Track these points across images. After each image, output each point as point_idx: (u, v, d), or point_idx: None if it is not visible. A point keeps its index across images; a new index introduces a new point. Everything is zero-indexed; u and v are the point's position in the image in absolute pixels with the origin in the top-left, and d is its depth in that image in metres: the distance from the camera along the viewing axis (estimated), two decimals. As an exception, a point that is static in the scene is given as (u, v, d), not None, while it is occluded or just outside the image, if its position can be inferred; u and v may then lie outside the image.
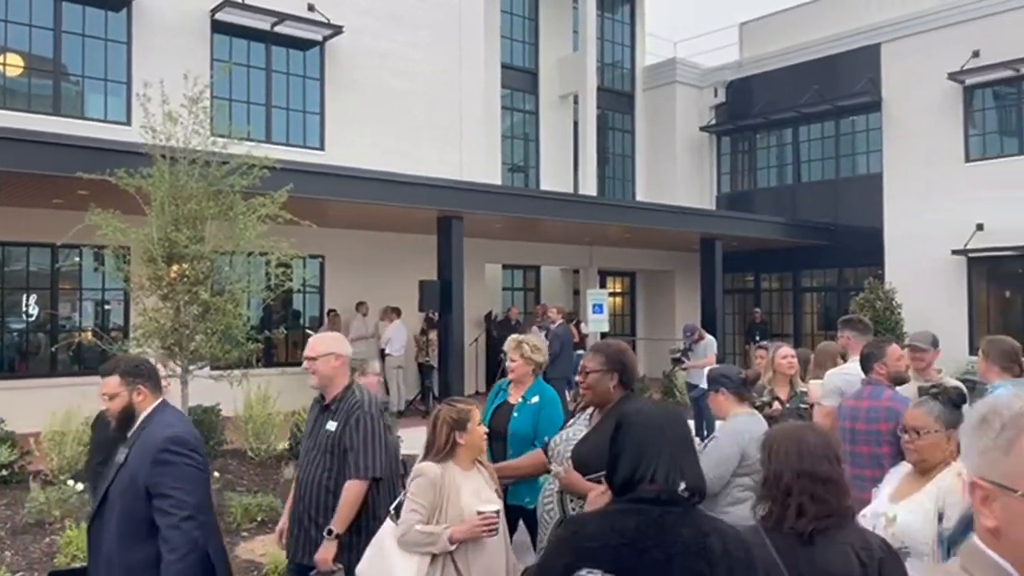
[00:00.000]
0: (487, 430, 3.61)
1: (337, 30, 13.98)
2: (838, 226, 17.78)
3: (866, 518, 3.00)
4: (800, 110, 18.46)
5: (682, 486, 2.09)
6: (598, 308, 12.59)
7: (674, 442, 2.19)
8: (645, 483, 2.09)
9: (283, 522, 3.98)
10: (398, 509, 3.36)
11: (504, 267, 18.70)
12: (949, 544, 2.83)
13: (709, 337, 11.53)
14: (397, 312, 14.08)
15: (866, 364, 4.65)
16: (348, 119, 14.29)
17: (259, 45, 13.81)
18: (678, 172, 20.53)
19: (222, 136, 7.85)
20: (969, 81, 15.69)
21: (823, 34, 18.23)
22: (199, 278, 7.25)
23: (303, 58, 14.21)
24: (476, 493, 3.33)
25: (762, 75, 19.54)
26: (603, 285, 19.36)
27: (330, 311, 13.96)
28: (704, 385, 9.62)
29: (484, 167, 15.96)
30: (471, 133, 15.87)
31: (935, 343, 5.42)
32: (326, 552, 3.58)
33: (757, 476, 4.03)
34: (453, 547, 3.19)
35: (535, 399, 4.55)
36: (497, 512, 3.24)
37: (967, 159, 15.84)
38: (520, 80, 19.21)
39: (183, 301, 7.25)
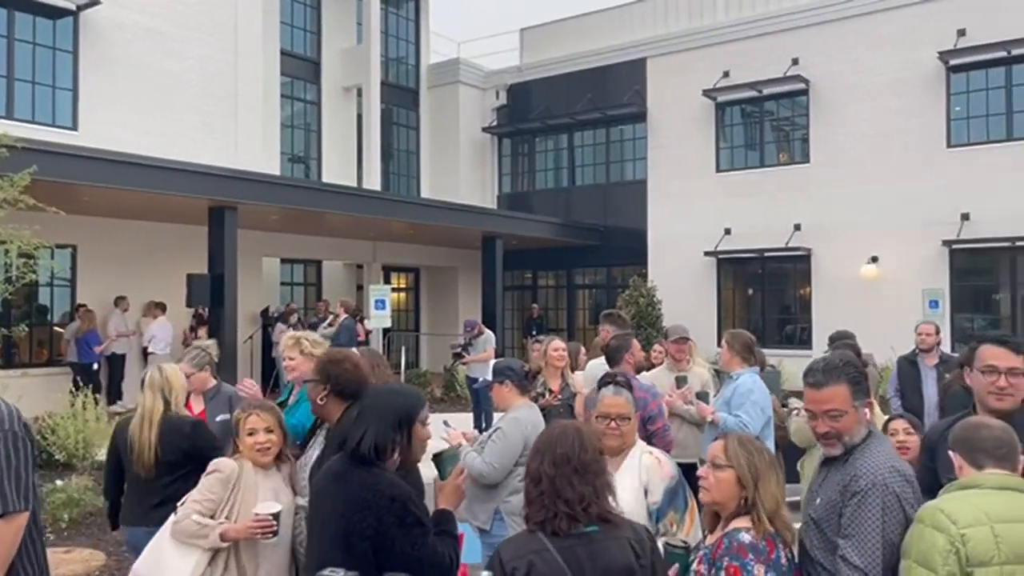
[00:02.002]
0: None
1: (93, 0, 12.75)
2: (608, 228, 18.95)
3: None
4: (575, 116, 19.45)
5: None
6: (380, 304, 12.50)
7: (364, 411, 2.72)
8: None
9: None
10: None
11: (283, 261, 18.04)
12: (657, 516, 3.11)
13: (488, 332, 11.85)
14: (161, 308, 13.14)
15: (615, 356, 5.01)
16: (107, 98, 13.08)
17: (-1, 9, 12.29)
18: (461, 171, 20.87)
19: (-52, 107, 6.90)
20: (720, 99, 17.33)
21: (596, 45, 19.33)
22: (-84, 268, 6.33)
23: (53, 28, 12.81)
24: (275, 493, 3.27)
25: (541, 80, 20.35)
26: (387, 281, 19.25)
27: (79, 306, 12.72)
28: (484, 378, 9.92)
29: (261, 156, 15.29)
30: (247, 120, 15.13)
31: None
32: None
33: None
34: (224, 544, 3.11)
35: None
36: (276, 515, 3.14)
37: (718, 169, 17.49)
38: (301, 69, 18.60)
39: None
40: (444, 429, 4.37)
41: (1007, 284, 14.68)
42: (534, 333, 16.49)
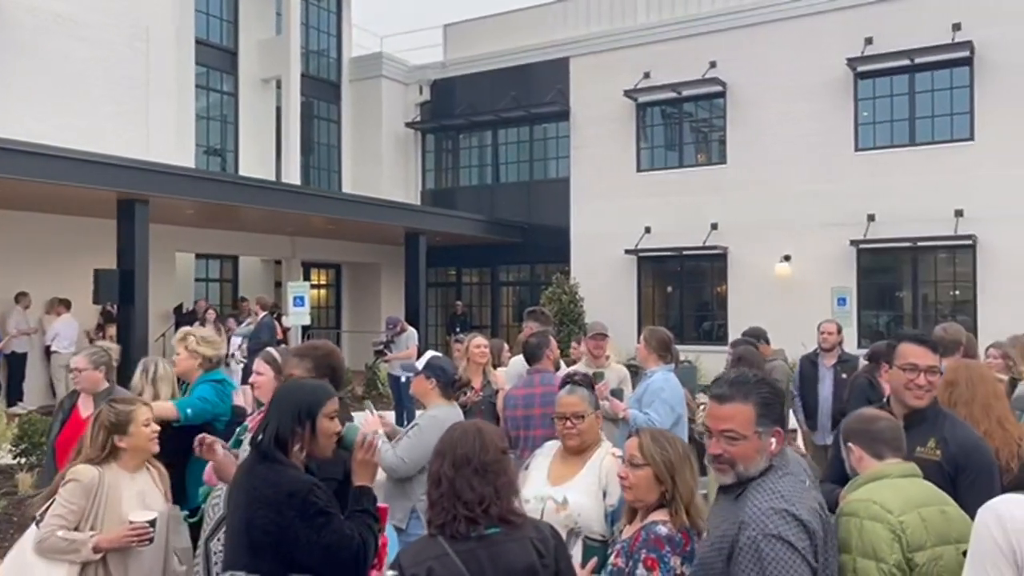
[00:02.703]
0: (157, 428, 3.40)
1: (-7, -21, 12.09)
2: (531, 225, 19.04)
3: (529, 504, 3.06)
4: (499, 114, 19.46)
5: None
6: (299, 301, 12.23)
7: (270, 406, 2.74)
8: None
9: None
10: (44, 515, 3.11)
11: (198, 256, 17.50)
12: (613, 519, 3.12)
13: (411, 329, 11.76)
14: (66, 304, 12.57)
15: (536, 353, 5.03)
16: (10, 84, 12.40)
17: None
18: (384, 166, 20.64)
19: None
20: (641, 99, 17.60)
21: (520, 44, 19.38)
22: None
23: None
24: (141, 496, 3.20)
25: (465, 77, 20.29)
26: (307, 277, 18.90)
27: (-22, 303, 12.07)
28: (406, 375, 9.83)
29: (175, 147, 14.76)
30: (159, 110, 14.59)
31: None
32: None
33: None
34: (97, 556, 3.03)
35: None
36: (151, 522, 3.09)
37: (639, 169, 17.77)
38: (218, 59, 18.05)
39: None
40: (366, 414, 4.37)
41: (909, 282, 15.39)
42: (458, 330, 16.45)
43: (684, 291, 17.62)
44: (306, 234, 17.59)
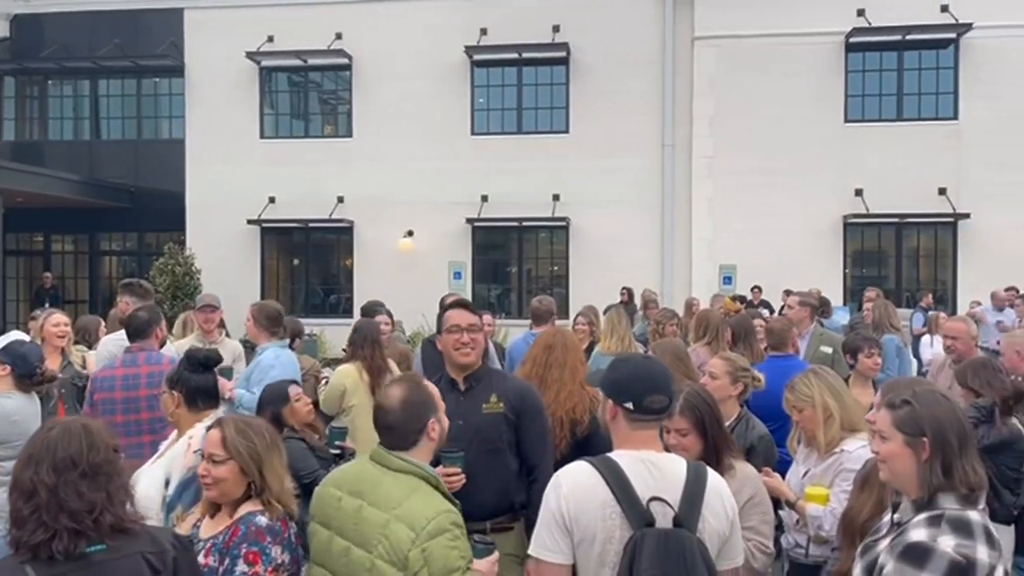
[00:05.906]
0: None
1: None
2: (140, 189, 17.27)
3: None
4: (99, 62, 17.22)
5: None
6: None
7: None
8: None
9: None
10: None
11: None
12: (169, 508, 2.89)
13: (-20, 305, 9.96)
14: None
15: (145, 329, 4.56)
16: None
17: None
18: (-55, 109, 17.12)
19: None
20: (265, 63, 16.81)
21: (125, -15, 17.31)
22: None
23: None
24: None
25: (55, 16, 17.55)
26: None
27: None
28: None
29: None
30: None
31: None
32: None
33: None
34: None
35: None
36: None
37: (262, 136, 17.00)
38: None
39: None
40: None
41: (516, 259, 16.92)
42: (47, 306, 14.34)
43: (310, 264, 17.38)
44: None
